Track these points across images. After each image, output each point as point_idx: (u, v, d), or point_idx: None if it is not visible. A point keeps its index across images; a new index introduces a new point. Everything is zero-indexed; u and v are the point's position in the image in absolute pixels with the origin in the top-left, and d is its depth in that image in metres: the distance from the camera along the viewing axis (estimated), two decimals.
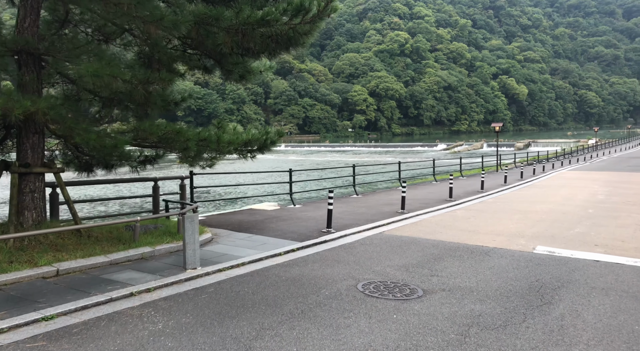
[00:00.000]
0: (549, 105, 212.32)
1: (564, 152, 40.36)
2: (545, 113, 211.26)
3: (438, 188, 18.69)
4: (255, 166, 45.44)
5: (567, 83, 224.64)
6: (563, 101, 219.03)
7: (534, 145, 76.38)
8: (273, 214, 11.95)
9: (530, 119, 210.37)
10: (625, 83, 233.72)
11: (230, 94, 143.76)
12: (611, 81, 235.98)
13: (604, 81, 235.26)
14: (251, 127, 9.74)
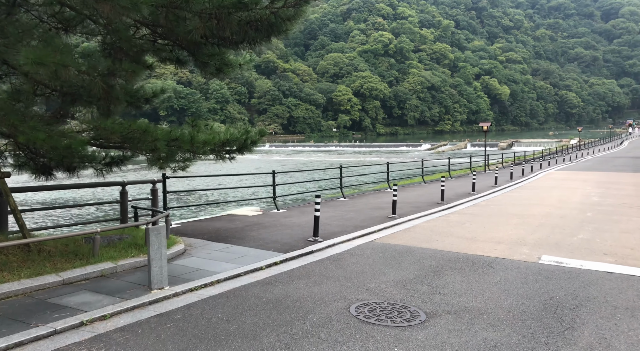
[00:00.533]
0: (530, 105, 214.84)
1: (549, 152, 40.16)
2: (526, 113, 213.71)
3: (428, 189, 18.00)
4: (237, 167, 44.40)
5: (548, 84, 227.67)
6: (544, 102, 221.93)
7: (517, 145, 76.70)
8: (255, 220, 11.06)
9: (512, 119, 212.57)
10: (604, 84, 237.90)
11: (214, 94, 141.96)
12: (590, 81, 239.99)
13: (584, 82, 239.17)
14: (230, 126, 8.87)
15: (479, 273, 6.75)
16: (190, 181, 31.18)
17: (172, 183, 26.64)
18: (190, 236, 9.03)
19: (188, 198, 24.57)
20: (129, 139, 6.91)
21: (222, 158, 8.73)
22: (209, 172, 39.20)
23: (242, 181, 30.53)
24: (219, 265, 6.94)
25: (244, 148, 8.77)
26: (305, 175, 32.69)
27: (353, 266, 7.06)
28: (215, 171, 38.75)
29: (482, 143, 78.96)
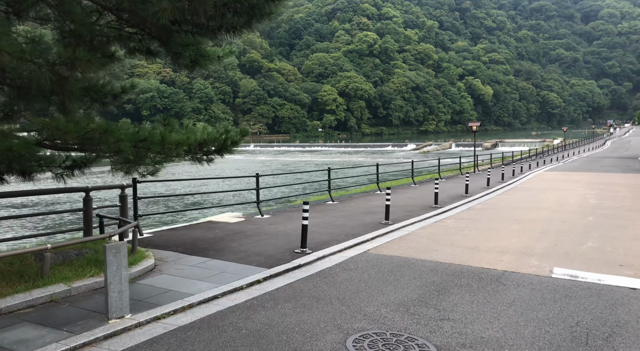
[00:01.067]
0: (513, 105, 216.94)
1: (536, 152, 39.90)
2: (509, 113, 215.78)
3: (419, 192, 17.26)
4: (219, 168, 43.10)
5: (530, 84, 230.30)
6: (526, 102, 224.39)
7: (501, 145, 76.80)
8: (236, 228, 10.13)
9: (495, 119, 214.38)
10: (584, 85, 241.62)
11: (198, 93, 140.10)
12: (571, 82, 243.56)
13: (565, 83, 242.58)
14: (207, 125, 7.96)
15: (489, 291, 5.96)
16: (166, 185, 30.04)
17: (146, 187, 25.46)
18: (163, 248, 8.08)
19: (163, 204, 23.39)
20: (88, 139, 5.96)
21: (199, 160, 7.81)
22: (188, 174, 38.03)
23: (224, 184, 29.47)
24: (193, 285, 6.03)
25: (224, 149, 7.85)
26: (291, 177, 31.80)
27: (347, 284, 6.21)
28: (195, 173, 37.58)
29: (467, 143, 78.97)
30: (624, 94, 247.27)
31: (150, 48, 7.68)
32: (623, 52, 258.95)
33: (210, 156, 7.91)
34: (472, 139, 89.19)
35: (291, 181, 32.85)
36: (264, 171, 41.54)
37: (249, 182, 28.51)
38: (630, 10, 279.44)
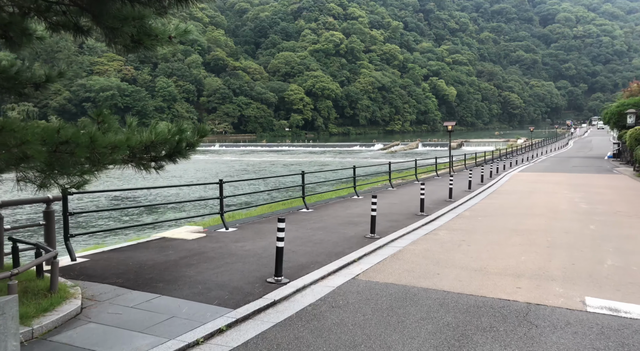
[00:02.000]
0: (476, 106, 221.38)
1: (505, 152, 39.60)
2: (472, 114, 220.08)
3: (399, 196, 15.97)
4: (180, 170, 40.68)
5: (492, 85, 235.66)
6: (489, 102, 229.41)
7: (466, 144, 77.29)
8: (195, 246, 8.44)
9: (459, 119, 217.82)
10: (543, 86, 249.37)
11: (161, 92, 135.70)
12: (531, 83, 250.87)
13: (525, 84, 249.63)
14: (158, 122, 6.34)
15: (521, 337, 4.60)
16: (109, 194, 27.72)
17: (81, 198, 23.16)
18: (99, 279, 6.35)
19: (106, 218, 20.86)
20: None
21: (146, 168, 6.16)
22: (142, 180, 35.55)
23: (182, 192, 27.44)
24: (130, 341, 4.39)
25: (177, 153, 6.24)
26: (259, 180, 30.11)
27: (338, 333, 4.71)
28: (150, 178, 35.05)
29: (433, 143, 79.08)
30: (580, 95, 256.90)
31: (78, 23, 5.97)
32: (579, 55, 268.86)
33: (161, 163, 6.27)
34: (438, 139, 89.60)
35: (260, 185, 31.18)
36: (230, 172, 39.61)
37: (212, 188, 26.62)
38: (584, 14, 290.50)
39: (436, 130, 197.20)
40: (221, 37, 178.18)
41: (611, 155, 36.64)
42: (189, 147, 6.34)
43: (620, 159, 33.66)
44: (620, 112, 29.16)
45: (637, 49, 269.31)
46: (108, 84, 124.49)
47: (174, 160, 6.34)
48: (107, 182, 32.25)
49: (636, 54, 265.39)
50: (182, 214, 17.86)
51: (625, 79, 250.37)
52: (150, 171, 6.19)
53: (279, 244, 6.31)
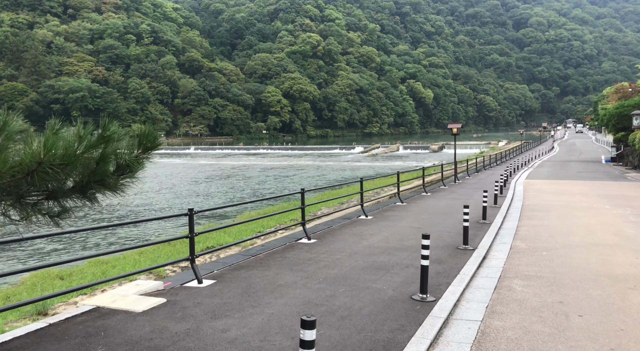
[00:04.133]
0: (452, 108, 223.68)
1: (496, 157, 38.41)
2: (449, 116, 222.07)
3: (416, 215, 12.92)
4: (149, 177, 38.23)
5: (467, 88, 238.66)
6: (465, 105, 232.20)
7: (447, 147, 76.99)
8: (146, 329, 5.02)
9: (435, 121, 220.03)
10: (517, 89, 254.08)
11: (133, 93, 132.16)
12: (505, 86, 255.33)
13: (500, 87, 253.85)
14: (80, 125, 3.61)
15: None
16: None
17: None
18: None
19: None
20: None
21: (36, 213, 3.62)
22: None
23: (142, 211, 25.63)
24: None
25: (99, 184, 3.71)
26: (243, 192, 28.52)
27: None
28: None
29: (414, 145, 78.59)
30: (553, 98, 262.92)
31: None
32: (551, 59, 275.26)
33: (66, 203, 3.72)
34: (419, 142, 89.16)
35: (243, 194, 29.55)
36: (204, 178, 37.77)
37: (181, 205, 25.00)
38: (556, 19, 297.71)
39: (413, 132, 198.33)
40: (196, 38, 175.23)
41: (609, 159, 35.44)
42: (123, 173, 3.80)
43: (623, 163, 32.43)
44: (620, 114, 28.37)
45: (607, 54, 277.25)
46: (78, 85, 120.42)
47: (91, 197, 3.80)
48: None
49: (605, 58, 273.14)
50: (128, 265, 15.77)
51: (596, 82, 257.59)
52: (45, 217, 3.64)
53: None
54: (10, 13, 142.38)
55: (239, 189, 29.32)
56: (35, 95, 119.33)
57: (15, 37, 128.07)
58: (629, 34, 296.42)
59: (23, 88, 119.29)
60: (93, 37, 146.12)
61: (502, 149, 56.29)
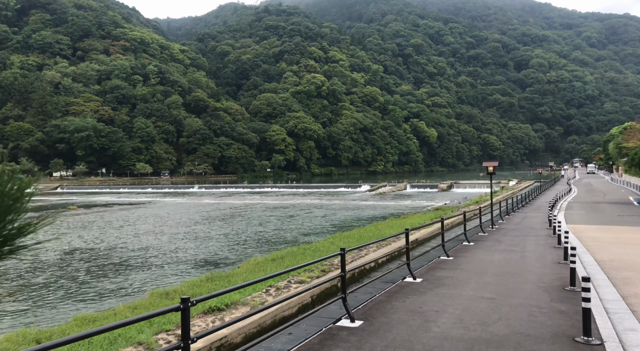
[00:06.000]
0: (456, 147, 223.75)
1: (517, 198, 35.35)
2: (453, 155, 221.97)
3: (477, 277, 10.31)
4: (142, 219, 36.73)
5: (471, 127, 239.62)
6: (469, 144, 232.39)
7: (456, 186, 75.46)
8: None
9: (440, 160, 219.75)
10: (520, 128, 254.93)
11: (139, 132, 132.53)
12: (509, 126, 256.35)
13: (503, 126, 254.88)
14: None
15: None
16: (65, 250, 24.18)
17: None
18: None
19: None
20: None
21: None
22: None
23: (138, 256, 23.96)
24: None
25: None
26: (247, 238, 26.84)
27: None
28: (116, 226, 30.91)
29: (421, 184, 77.11)
30: (556, 137, 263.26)
31: None
32: (553, 99, 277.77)
33: None
34: (426, 180, 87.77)
35: (244, 239, 27.95)
36: (205, 218, 36.17)
37: (182, 240, 23.43)
38: (556, 60, 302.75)
39: (418, 171, 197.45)
40: (202, 79, 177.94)
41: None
42: None
43: None
44: None
45: (608, 94, 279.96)
46: (84, 124, 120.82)
47: None
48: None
49: (607, 99, 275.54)
50: None
51: (599, 122, 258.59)
52: None
53: None
54: (20, 55, 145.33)
55: (241, 232, 27.71)
56: (41, 135, 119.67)
57: (25, 78, 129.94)
58: (629, 75, 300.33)
59: (29, 128, 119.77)
60: (100, 78, 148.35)
61: (514, 189, 54.67)
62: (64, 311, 12.15)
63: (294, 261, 14.15)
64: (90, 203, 57.88)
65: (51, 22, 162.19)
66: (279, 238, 24.32)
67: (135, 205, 52.32)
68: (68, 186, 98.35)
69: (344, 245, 16.62)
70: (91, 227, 30.51)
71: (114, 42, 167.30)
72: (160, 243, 23.05)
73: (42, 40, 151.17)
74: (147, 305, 11.45)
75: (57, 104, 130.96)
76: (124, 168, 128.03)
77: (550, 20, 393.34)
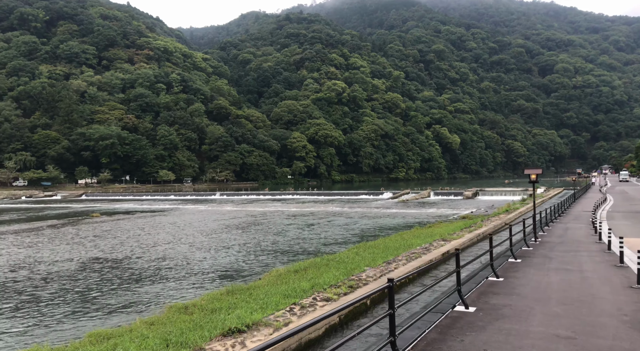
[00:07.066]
0: (480, 154, 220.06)
1: (557, 207, 31.30)
2: (477, 161, 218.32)
3: (535, 303, 8.99)
4: (158, 227, 36.08)
5: (494, 133, 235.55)
6: (492, 150, 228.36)
7: (481, 194, 73.63)
8: None
9: (463, 167, 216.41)
10: (545, 134, 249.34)
11: (162, 140, 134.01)
12: (533, 132, 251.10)
13: (527, 132, 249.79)
14: None
15: None
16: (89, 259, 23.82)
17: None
18: None
19: None
20: None
21: None
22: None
23: (157, 266, 23.39)
24: None
25: None
26: (267, 247, 26.15)
27: None
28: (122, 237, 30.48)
29: (445, 192, 75.48)
30: (583, 143, 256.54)
31: None
32: (579, 104, 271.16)
33: None
34: (451, 188, 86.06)
35: (263, 248, 27.30)
36: (226, 226, 35.66)
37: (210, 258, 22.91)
38: (582, 65, 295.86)
39: (440, 178, 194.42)
40: (224, 87, 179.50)
41: None
42: None
43: None
44: None
45: (637, 99, 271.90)
46: (108, 132, 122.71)
47: None
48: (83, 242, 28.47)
49: (637, 104, 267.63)
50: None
51: (628, 128, 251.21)
52: None
53: None
54: (48, 65, 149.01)
55: (261, 241, 27.05)
56: (67, 143, 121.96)
57: (52, 88, 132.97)
58: None
59: (56, 136, 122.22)
60: (125, 86, 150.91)
61: (543, 197, 52.77)
62: (78, 326, 11.60)
63: (317, 273, 13.36)
64: (112, 210, 58.23)
65: (78, 32, 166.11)
66: (300, 248, 23.57)
67: (157, 213, 52.33)
68: (92, 193, 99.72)
69: (369, 256, 15.70)
70: (109, 235, 30.30)
71: (138, 51, 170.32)
72: (179, 253, 22.55)
73: (69, 50, 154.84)
74: (164, 320, 10.78)
75: (83, 113, 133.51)
76: (147, 175, 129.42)
77: (576, 25, 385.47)
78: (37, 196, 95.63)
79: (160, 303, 13.52)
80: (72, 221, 41.96)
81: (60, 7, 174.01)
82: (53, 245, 26.22)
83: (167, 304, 12.43)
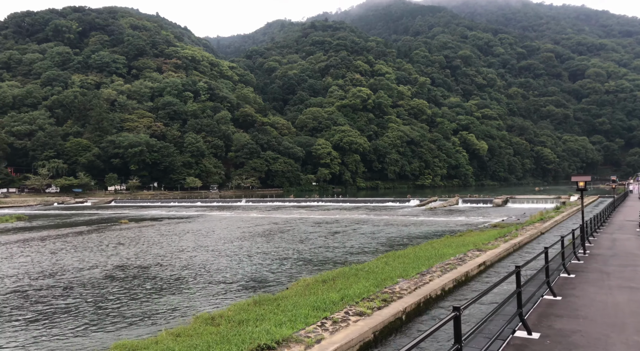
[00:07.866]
0: (508, 160, 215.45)
1: (595, 217, 29.08)
2: (505, 168, 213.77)
3: (612, 330, 7.95)
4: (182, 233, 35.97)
5: (523, 140, 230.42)
6: (521, 157, 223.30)
7: (512, 201, 71.65)
8: None
9: (491, 174, 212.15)
10: (576, 141, 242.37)
11: (189, 147, 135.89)
12: (564, 138, 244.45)
13: (557, 138, 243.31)
14: None
15: None
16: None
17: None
18: None
19: None
20: None
21: None
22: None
23: (180, 275, 23.14)
24: None
25: None
26: (290, 255, 25.74)
27: None
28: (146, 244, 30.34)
29: (474, 199, 73.74)
30: (617, 150, 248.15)
31: None
32: (612, 110, 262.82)
33: None
34: (480, 195, 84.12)
35: (285, 255, 26.87)
36: (251, 234, 35.44)
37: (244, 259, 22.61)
38: (615, 70, 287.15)
39: (468, 185, 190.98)
40: (250, 94, 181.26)
41: None
42: None
43: None
44: None
45: None
46: (137, 140, 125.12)
47: None
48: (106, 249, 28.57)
49: None
50: None
51: None
52: None
53: None
54: (80, 75, 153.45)
55: (286, 249, 26.64)
56: (97, 150, 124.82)
57: (84, 97, 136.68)
58: None
59: (87, 144, 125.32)
60: (153, 95, 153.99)
61: (577, 205, 50.85)
62: (103, 336, 11.37)
63: (346, 284, 12.87)
64: (140, 216, 58.93)
65: (109, 42, 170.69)
66: (326, 257, 23.05)
67: (184, 219, 52.66)
68: (121, 199, 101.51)
69: (400, 266, 15.06)
70: (136, 242, 30.41)
71: (166, 60, 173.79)
72: (204, 260, 22.34)
73: (101, 60, 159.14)
74: (191, 331, 10.44)
75: (113, 121, 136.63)
76: (175, 182, 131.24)
77: (608, 28, 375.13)
78: (68, 202, 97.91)
79: (185, 313, 13.23)
80: (100, 228, 42.53)
81: (92, 18, 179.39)
82: (81, 252, 26.42)
83: (194, 314, 12.11)
